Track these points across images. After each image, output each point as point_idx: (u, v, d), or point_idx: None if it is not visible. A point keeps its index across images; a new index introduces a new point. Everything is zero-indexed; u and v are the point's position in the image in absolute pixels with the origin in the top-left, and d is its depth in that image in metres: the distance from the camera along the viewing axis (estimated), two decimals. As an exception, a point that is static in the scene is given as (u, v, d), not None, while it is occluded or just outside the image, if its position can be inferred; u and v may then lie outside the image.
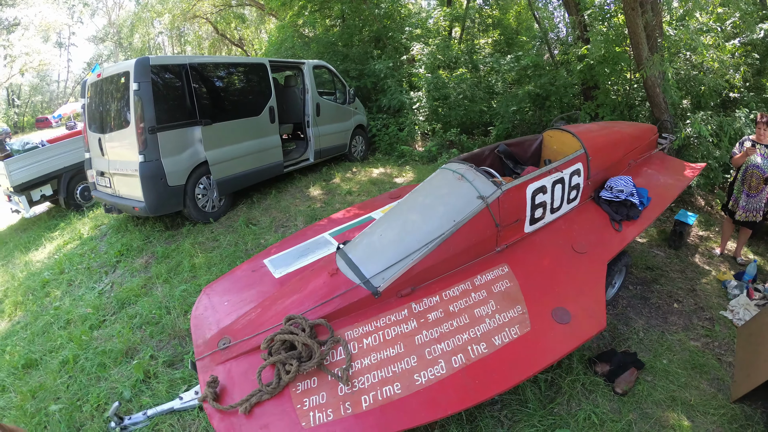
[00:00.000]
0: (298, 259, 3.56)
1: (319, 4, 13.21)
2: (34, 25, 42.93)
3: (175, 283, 4.98)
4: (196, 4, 21.65)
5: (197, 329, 2.93)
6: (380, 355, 2.47)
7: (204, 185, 6.45)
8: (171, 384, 3.45)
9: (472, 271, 2.95)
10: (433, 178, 3.55)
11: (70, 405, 3.49)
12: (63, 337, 4.41)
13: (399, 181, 7.76)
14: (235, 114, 6.80)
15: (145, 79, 5.65)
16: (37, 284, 5.91)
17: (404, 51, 12.22)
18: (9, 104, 49.28)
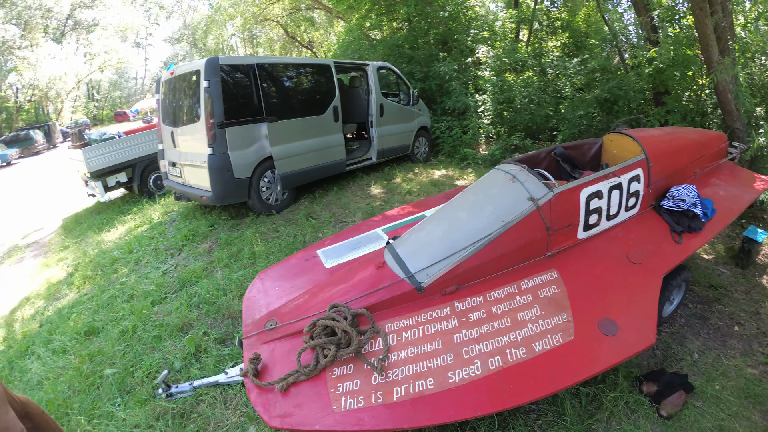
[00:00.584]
0: (349, 252, 3.66)
1: (386, 7, 13.37)
2: (113, 25, 45.74)
3: (235, 268, 5.20)
4: (266, 8, 22.40)
5: (248, 310, 3.09)
6: (417, 350, 2.49)
7: (268, 179, 6.68)
8: (219, 359, 3.62)
9: (520, 274, 2.90)
10: (485, 178, 3.54)
11: (124, 370, 3.75)
12: (125, 310, 4.74)
13: (460, 183, 7.73)
14: (300, 112, 7.02)
15: (214, 78, 5.95)
16: (106, 261, 6.38)
17: (470, 53, 12.11)
18: (89, 98, 52.94)
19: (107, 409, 3.35)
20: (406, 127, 9.27)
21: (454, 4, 12.57)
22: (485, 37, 12.43)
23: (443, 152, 10.41)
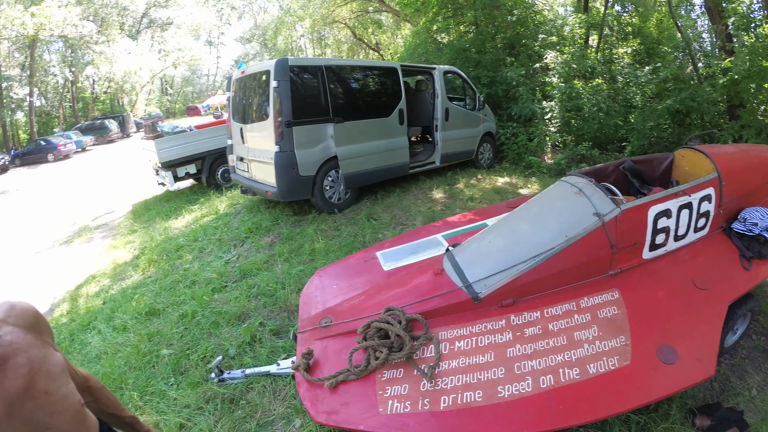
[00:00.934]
0: (408, 256, 3.67)
1: (453, 11, 13.27)
2: (186, 24, 47.89)
3: (294, 263, 5.31)
4: (335, 10, 22.81)
5: (305, 305, 3.16)
6: (469, 360, 2.47)
7: (332, 178, 6.80)
8: (272, 350, 3.70)
9: (580, 291, 2.80)
10: (550, 189, 3.45)
11: (180, 352, 3.90)
12: (186, 295, 4.93)
13: (523, 192, 7.59)
14: (366, 114, 7.13)
15: (284, 78, 6.12)
16: (172, 247, 6.69)
17: (537, 59, 11.87)
18: (162, 92, 55.76)
19: (160, 388, 3.50)
20: (471, 133, 9.18)
21: (522, 8, 12.33)
22: (553, 42, 12.15)
23: (507, 159, 10.24)
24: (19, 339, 1.12)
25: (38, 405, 1.05)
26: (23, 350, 1.10)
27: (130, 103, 47.40)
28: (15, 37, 27.30)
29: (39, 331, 1.21)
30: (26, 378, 1.05)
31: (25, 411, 1.02)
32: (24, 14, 25.42)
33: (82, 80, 42.04)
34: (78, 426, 1.13)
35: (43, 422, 1.05)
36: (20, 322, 1.17)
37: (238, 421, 3.02)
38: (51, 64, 39.69)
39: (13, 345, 1.09)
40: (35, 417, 1.03)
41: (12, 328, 1.13)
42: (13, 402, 1.00)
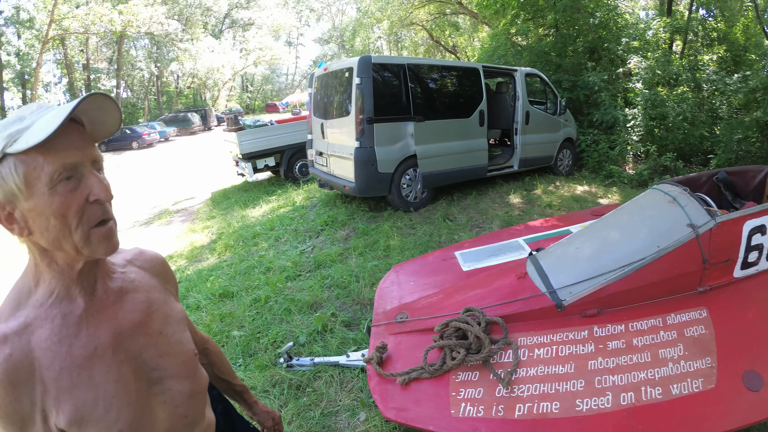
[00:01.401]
0: (488, 258, 3.60)
1: (533, 13, 12.94)
2: (267, 25, 49.70)
3: (369, 257, 5.35)
4: (412, 12, 22.85)
5: (380, 299, 3.16)
6: (548, 370, 2.38)
7: (410, 176, 6.82)
8: (342, 341, 3.72)
9: (667, 307, 2.64)
10: (641, 197, 3.28)
11: (251, 334, 4.01)
12: (260, 280, 5.08)
13: (603, 202, 7.32)
14: (446, 114, 7.12)
15: (366, 75, 6.20)
16: (248, 234, 6.92)
17: (620, 63, 11.42)
18: (243, 89, 58.08)
19: None
20: (551, 138, 8.93)
21: (604, 11, 11.85)
22: (636, 46, 11.61)
23: (587, 167, 9.88)
24: (142, 279, 1.13)
25: (149, 342, 1.05)
26: (145, 289, 1.11)
27: (212, 98, 49.83)
28: (103, 32, 29.18)
29: (164, 279, 1.23)
30: (142, 314, 1.06)
31: (133, 345, 1.01)
32: (112, 12, 27.18)
33: (166, 75, 44.85)
34: (188, 374, 1.12)
35: (152, 361, 1.04)
36: (147, 266, 1.19)
37: (302, 407, 3.05)
38: (137, 59, 42.85)
39: (134, 282, 1.10)
40: (144, 354, 1.02)
41: (137, 269, 1.15)
42: (123, 334, 1.00)
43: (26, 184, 0.84)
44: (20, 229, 0.89)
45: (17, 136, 0.84)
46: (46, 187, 0.84)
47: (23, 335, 0.89)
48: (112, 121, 0.95)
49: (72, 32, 28.27)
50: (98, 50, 39.68)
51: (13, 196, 0.85)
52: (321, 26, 64.72)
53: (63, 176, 0.85)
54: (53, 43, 31.03)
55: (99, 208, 0.90)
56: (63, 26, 26.71)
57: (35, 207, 0.85)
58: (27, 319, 0.90)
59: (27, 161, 0.83)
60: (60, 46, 33.85)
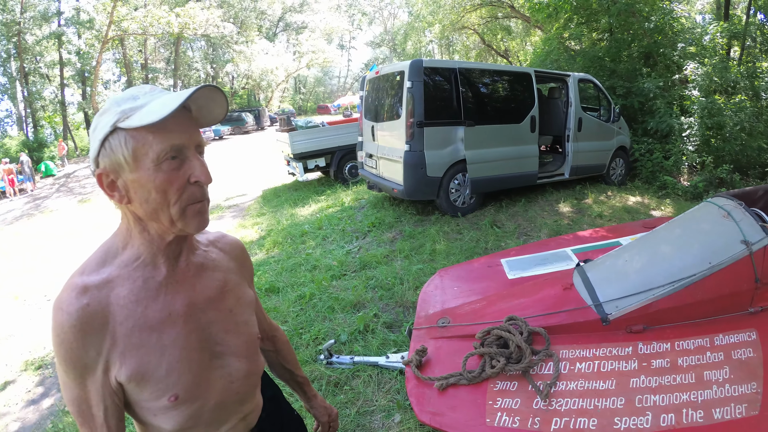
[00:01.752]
0: (534, 266, 3.55)
1: (586, 17, 12.62)
2: (320, 28, 50.63)
3: (414, 260, 5.40)
4: (464, 16, 22.74)
5: (423, 303, 3.18)
6: (588, 385, 2.32)
7: (458, 181, 6.82)
8: (383, 342, 3.78)
9: (715, 327, 2.52)
10: (694, 210, 3.18)
11: (293, 329, 4.14)
12: (306, 278, 5.22)
13: (655, 214, 7.10)
14: (497, 119, 7.07)
15: (417, 79, 6.24)
16: (296, 232, 7.10)
17: (676, 69, 10.96)
18: (296, 91, 59.34)
19: None
20: (604, 146, 8.70)
21: (659, 15, 11.39)
22: (692, 52, 11.14)
23: (640, 177, 9.57)
24: (222, 260, 1.19)
25: (219, 318, 1.10)
26: (222, 270, 1.17)
27: (266, 99, 51.10)
28: (161, 34, 30.30)
29: (241, 264, 1.28)
30: (216, 291, 1.12)
31: (204, 318, 1.07)
32: (169, 14, 28.15)
33: (222, 76, 46.28)
34: (248, 354, 1.17)
35: (218, 336, 1.09)
36: (227, 249, 1.25)
37: (339, 405, 3.11)
38: (194, 60, 44.55)
39: (215, 261, 1.16)
40: (210, 327, 1.08)
41: (218, 251, 1.21)
42: (196, 306, 1.06)
43: (134, 158, 0.91)
44: (120, 196, 0.95)
45: (130, 113, 0.91)
46: (152, 163, 0.91)
47: (103, 289, 0.95)
48: (219, 110, 1.02)
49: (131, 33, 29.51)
50: (156, 50, 41.40)
51: (119, 166, 0.92)
52: (373, 30, 65.36)
53: (169, 155, 0.92)
54: (112, 43, 32.45)
55: (198, 190, 0.97)
56: (122, 27, 27.89)
57: (139, 179, 0.92)
58: (110, 276, 0.97)
59: (137, 137, 0.90)
60: (119, 46, 35.39)
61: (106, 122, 0.92)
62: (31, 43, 30.49)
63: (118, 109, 0.92)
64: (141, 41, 36.44)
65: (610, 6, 11.00)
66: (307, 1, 53.44)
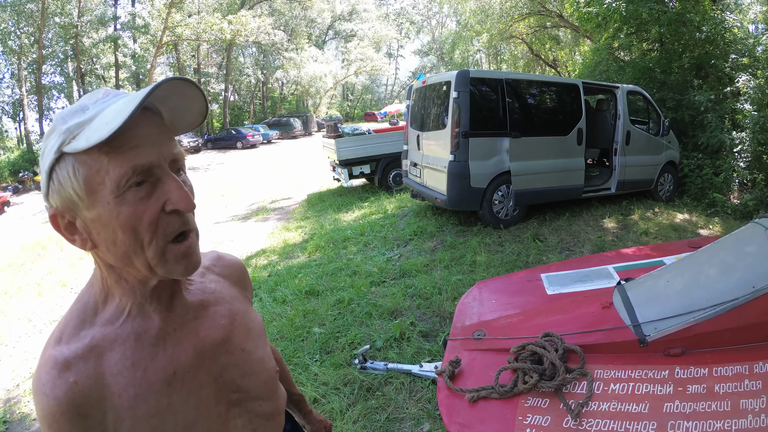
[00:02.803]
0: (574, 283, 3.52)
1: (636, 27, 12.26)
2: (368, 36, 51.33)
3: (454, 271, 5.43)
4: (512, 25, 22.63)
5: (460, 314, 3.21)
6: (620, 407, 2.28)
7: (502, 193, 6.81)
8: (418, 351, 3.83)
9: (756, 355, 2.41)
10: (741, 231, 3.08)
11: (330, 333, 4.24)
12: (346, 282, 5.32)
13: (704, 232, 6.90)
14: (543, 131, 7.05)
15: (464, 89, 6.28)
16: (339, 237, 7.25)
17: (728, 82, 10.53)
18: (343, 98, 60.32)
19: (304, 361, 3.84)
20: (653, 160, 8.45)
21: (711, 24, 10.93)
22: (745, 63, 10.68)
23: (689, 194, 9.22)
24: (223, 289, 1.01)
25: (232, 362, 0.93)
26: (226, 301, 0.99)
27: (314, 105, 52.14)
28: (213, 40, 31.22)
29: (243, 286, 1.11)
30: (225, 330, 0.93)
31: (215, 366, 0.89)
32: (222, 21, 28.99)
33: (272, 81, 47.58)
34: (269, 393, 1.01)
35: (233, 382, 0.92)
36: (226, 272, 1.07)
37: (369, 410, 3.17)
38: (245, 65, 45.84)
39: (215, 293, 0.98)
40: (225, 375, 0.91)
41: (217, 277, 1.03)
42: (205, 353, 0.88)
43: (88, 191, 0.71)
44: (83, 241, 0.77)
45: (77, 131, 0.70)
46: (111, 195, 0.71)
47: (90, 359, 0.77)
48: (196, 109, 0.82)
49: (184, 39, 30.53)
50: (209, 56, 42.85)
51: (72, 204, 0.73)
52: (421, 39, 65.61)
53: (133, 181, 0.72)
54: (167, 48, 33.66)
55: (177, 220, 0.77)
56: (176, 33, 28.95)
57: (99, 218, 0.73)
58: (94, 340, 0.79)
59: (88, 163, 0.70)
60: (173, 50, 36.69)
61: (50, 147, 0.72)
62: (87, 45, 31.95)
63: (63, 127, 0.71)
64: (194, 46, 37.61)
65: (661, 16, 10.69)
66: (356, 10, 54.27)
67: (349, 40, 53.56)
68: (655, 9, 10.58)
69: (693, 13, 10.88)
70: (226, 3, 38.83)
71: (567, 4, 16.53)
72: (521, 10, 21.73)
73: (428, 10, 60.26)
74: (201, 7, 36.32)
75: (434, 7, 56.48)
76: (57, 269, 8.31)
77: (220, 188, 15.49)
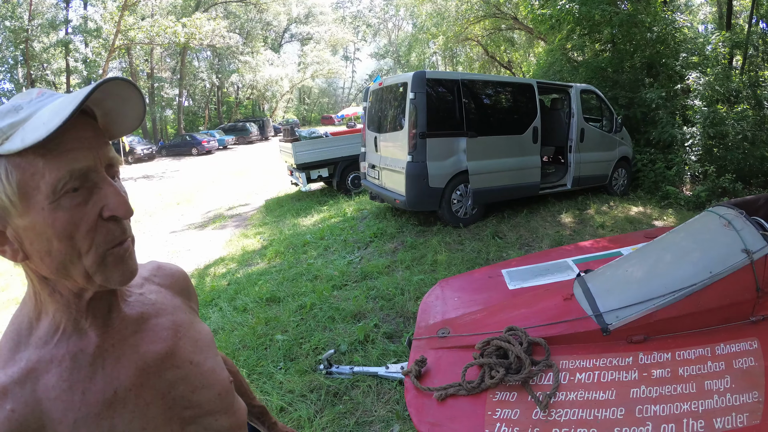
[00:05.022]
0: (535, 277, 3.55)
1: (589, 28, 12.65)
2: (325, 40, 51.49)
3: (415, 271, 5.42)
4: (468, 28, 23.03)
5: (423, 313, 3.17)
6: (587, 395, 2.30)
7: (461, 192, 6.85)
8: (383, 353, 3.80)
9: (716, 337, 2.50)
10: (695, 220, 3.17)
11: (293, 339, 4.15)
12: (307, 287, 5.23)
13: (658, 224, 7.14)
14: (499, 130, 7.12)
15: (420, 90, 6.29)
16: (298, 242, 7.14)
17: (678, 80, 10.99)
18: (300, 102, 60.14)
19: (269, 370, 3.74)
20: (606, 156, 8.72)
21: (662, 25, 11.44)
22: (695, 62, 11.19)
23: (643, 187, 9.58)
24: (164, 300, 0.94)
25: (179, 376, 0.86)
26: (168, 312, 0.92)
27: (270, 109, 51.66)
28: (167, 44, 30.57)
29: (187, 296, 1.04)
30: (168, 343, 0.87)
31: (161, 382, 0.83)
32: (176, 24, 28.38)
33: (227, 86, 46.89)
34: (226, 407, 0.94)
35: (184, 398, 0.86)
36: (167, 282, 1.00)
37: (338, 415, 3.12)
38: (200, 69, 45.06)
39: (156, 305, 0.91)
40: (174, 391, 0.84)
41: (157, 287, 0.97)
42: (148, 370, 0.82)
43: (21, 196, 0.66)
44: (13, 252, 0.71)
45: (10, 132, 0.65)
46: (47, 201, 0.66)
47: (26, 384, 0.71)
48: (133, 113, 0.77)
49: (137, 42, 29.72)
50: (162, 60, 41.94)
51: (3, 211, 0.67)
52: (377, 41, 66.01)
53: (69, 186, 0.67)
54: (119, 52, 32.72)
55: (117, 227, 0.73)
56: (129, 36, 28.13)
57: (33, 226, 0.68)
58: (29, 363, 0.73)
59: (22, 166, 0.65)
60: (126, 55, 35.72)
61: None
62: (38, 50, 30.86)
63: None
64: (147, 50, 36.80)
65: (613, 17, 11.04)
66: (313, 13, 54.17)
67: (305, 43, 53.45)
68: (608, 11, 10.93)
69: (644, 15, 11.33)
70: (180, 6, 37.87)
71: (521, 7, 16.87)
72: (476, 12, 22.13)
73: (385, 13, 60.83)
74: (154, 9, 35.39)
75: (390, 10, 57.14)
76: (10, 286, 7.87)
77: (176, 196, 15.04)
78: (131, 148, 28.12)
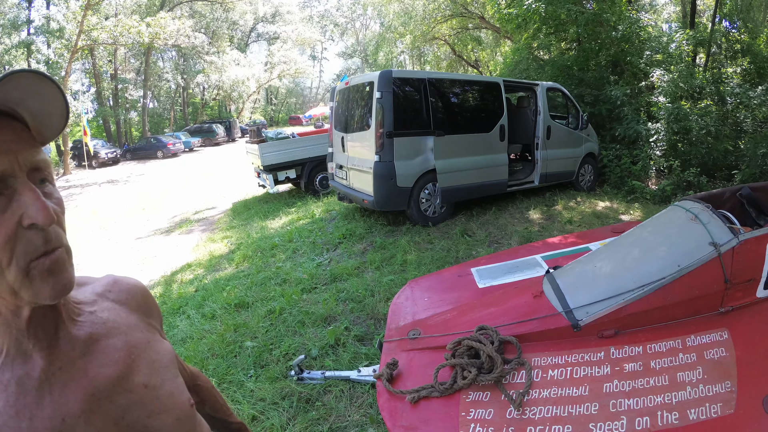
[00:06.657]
0: (504, 275, 3.54)
1: (555, 27, 12.87)
2: (292, 39, 51.13)
3: (385, 272, 5.37)
4: (435, 27, 23.20)
5: (393, 315, 3.13)
6: (561, 392, 2.30)
7: (429, 191, 6.84)
8: (355, 356, 3.73)
9: (686, 329, 2.54)
10: (662, 214, 3.21)
11: (263, 345, 4.04)
12: (276, 292, 5.12)
13: (625, 218, 7.26)
14: (466, 129, 7.15)
15: (387, 89, 6.26)
16: (267, 246, 7.00)
17: (643, 77, 11.26)
18: (267, 102, 59.66)
19: (239, 378, 3.64)
20: (573, 153, 8.87)
21: (626, 24, 11.68)
22: (659, 60, 11.45)
23: (609, 183, 9.76)
24: (118, 318, 0.88)
25: (133, 401, 0.80)
26: (122, 331, 0.86)
27: (237, 110, 50.96)
28: (131, 44, 29.96)
29: (146, 312, 0.98)
30: (120, 366, 0.81)
31: (114, 408, 0.77)
32: (140, 24, 27.82)
33: (192, 87, 46.12)
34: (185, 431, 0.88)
35: (139, 424, 0.80)
36: (123, 298, 0.94)
37: (311, 421, 3.05)
38: (164, 70, 44.22)
39: (108, 324, 0.85)
40: (128, 416, 0.78)
41: (112, 304, 0.90)
42: (99, 395, 0.76)
43: None
44: None
45: None
46: None
47: None
48: (57, 110, 0.71)
49: (101, 43, 28.95)
50: (126, 61, 40.88)
51: None
52: (345, 41, 65.81)
53: None
54: (82, 53, 31.86)
55: (39, 236, 0.67)
56: (92, 37, 27.35)
57: None
58: None
59: None
60: (89, 56, 34.84)
61: None
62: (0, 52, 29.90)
63: None
64: (111, 51, 35.99)
65: (578, 16, 11.22)
66: (280, 12, 53.49)
67: (272, 42, 52.81)
68: (573, 10, 11.10)
69: (609, 14, 11.56)
70: (144, 5, 37.11)
71: (488, 6, 17.04)
72: (444, 12, 22.26)
73: (352, 12, 60.58)
74: (118, 9, 34.53)
75: (358, 10, 56.91)
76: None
77: (141, 201, 14.67)
78: (95, 152, 27.30)
